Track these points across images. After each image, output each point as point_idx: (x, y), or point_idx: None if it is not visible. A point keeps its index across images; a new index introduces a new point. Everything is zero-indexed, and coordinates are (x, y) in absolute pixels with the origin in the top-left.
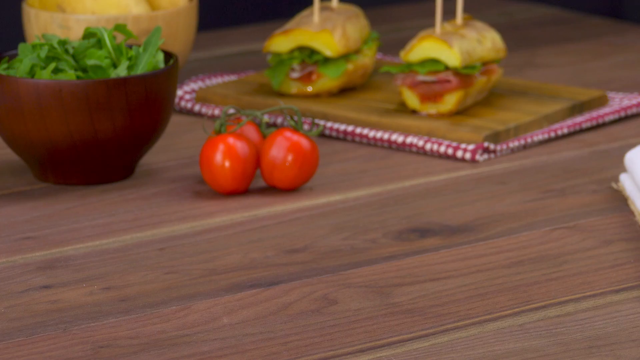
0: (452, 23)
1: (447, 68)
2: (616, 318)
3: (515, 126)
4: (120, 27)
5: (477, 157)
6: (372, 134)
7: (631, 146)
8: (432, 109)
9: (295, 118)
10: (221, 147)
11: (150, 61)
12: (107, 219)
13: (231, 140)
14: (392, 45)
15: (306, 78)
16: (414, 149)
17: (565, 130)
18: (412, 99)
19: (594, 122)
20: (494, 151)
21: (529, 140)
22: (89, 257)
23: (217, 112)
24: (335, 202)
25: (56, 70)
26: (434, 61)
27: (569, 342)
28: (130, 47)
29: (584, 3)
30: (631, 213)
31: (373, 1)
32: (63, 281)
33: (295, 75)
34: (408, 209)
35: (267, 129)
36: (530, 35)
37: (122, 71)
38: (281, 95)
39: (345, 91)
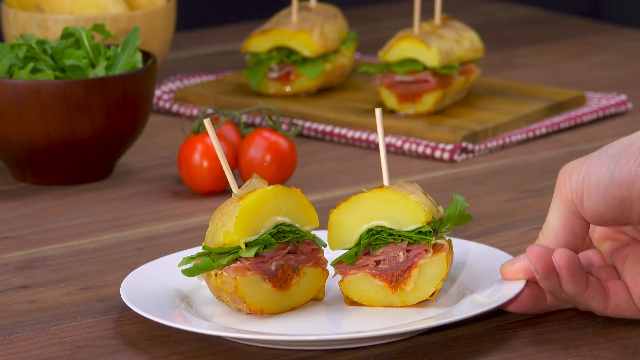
0: (430, 23)
1: (425, 68)
2: (594, 318)
3: (494, 126)
4: (98, 27)
5: (455, 157)
6: (350, 133)
7: None
8: (410, 108)
9: (274, 118)
10: (199, 147)
11: (129, 61)
12: (85, 219)
13: (209, 140)
14: (371, 45)
15: (284, 78)
16: (392, 149)
17: (544, 130)
18: (390, 99)
19: (572, 122)
20: (472, 151)
21: (507, 140)
22: (67, 257)
23: (195, 112)
24: (313, 201)
25: (34, 70)
26: (412, 61)
27: (547, 342)
28: (108, 47)
29: (562, 3)
30: None
31: (351, 1)
32: (41, 281)
33: (273, 75)
34: None
35: (245, 129)
36: (508, 36)
37: (100, 71)
38: (259, 95)
39: (323, 91)
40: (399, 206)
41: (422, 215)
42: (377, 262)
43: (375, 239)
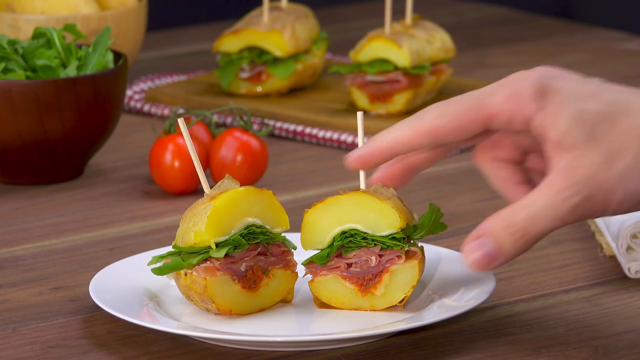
0: (401, 23)
1: (396, 68)
2: (565, 318)
3: None
4: (69, 27)
5: None
6: (321, 134)
7: None
8: (381, 109)
9: (245, 118)
10: (170, 147)
11: (100, 61)
12: (56, 219)
13: (181, 140)
14: (342, 45)
15: (255, 78)
16: None
17: None
18: (361, 99)
19: None
20: None
21: None
22: (38, 257)
23: (166, 112)
24: (284, 202)
25: (5, 70)
26: (384, 61)
27: (518, 342)
28: (79, 47)
29: (534, 3)
30: None
31: (322, 1)
32: (12, 281)
33: (244, 75)
34: None
35: (216, 129)
36: (480, 35)
37: (71, 71)
38: (230, 95)
39: (294, 91)
40: (374, 211)
41: (396, 221)
42: (349, 265)
43: (348, 242)
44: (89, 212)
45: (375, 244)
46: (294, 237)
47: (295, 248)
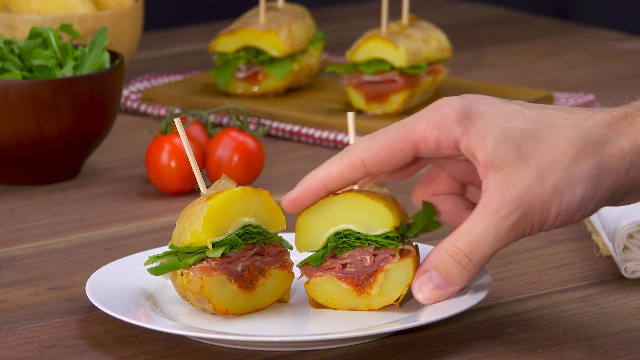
0: (397, 23)
1: (392, 68)
2: (562, 318)
3: None
4: (66, 27)
5: None
6: (318, 134)
7: None
8: (378, 109)
9: (241, 118)
10: (167, 147)
11: (96, 61)
12: (52, 219)
13: (177, 140)
14: (338, 45)
15: (252, 78)
16: None
17: None
18: (357, 99)
19: None
20: None
21: None
22: (35, 257)
23: (163, 112)
24: (281, 202)
25: (2, 71)
26: (380, 61)
27: (515, 342)
28: (76, 47)
29: (529, 3)
30: None
31: (319, 1)
32: (9, 281)
33: (241, 75)
34: None
35: (213, 129)
36: (476, 35)
37: (68, 71)
38: (227, 95)
39: (291, 91)
40: (367, 210)
41: (390, 220)
42: (344, 265)
43: (342, 242)
44: (86, 212)
45: (369, 244)
46: (290, 237)
47: (291, 248)
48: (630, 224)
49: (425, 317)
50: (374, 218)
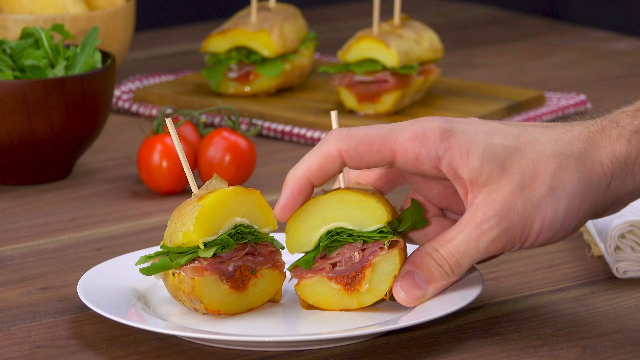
0: (389, 23)
1: (384, 68)
2: (553, 318)
3: None
4: (57, 27)
5: None
6: (309, 134)
7: None
8: (369, 109)
9: (233, 118)
10: (158, 147)
11: (88, 61)
12: (44, 219)
13: (169, 140)
14: (330, 45)
15: (244, 78)
16: None
17: None
18: (349, 99)
19: (532, 122)
20: None
21: None
22: (27, 257)
23: (154, 112)
24: (272, 202)
25: None
26: (372, 61)
27: (506, 342)
28: (67, 47)
29: (521, 3)
30: None
31: (310, 1)
32: (0, 281)
33: (232, 75)
34: None
35: (204, 129)
36: (467, 35)
37: (59, 71)
38: (219, 95)
39: (282, 91)
40: (359, 207)
41: (383, 215)
42: (333, 265)
43: (333, 241)
44: (77, 212)
45: (362, 240)
46: (282, 237)
47: (283, 248)
48: (622, 224)
49: (417, 317)
50: (367, 214)
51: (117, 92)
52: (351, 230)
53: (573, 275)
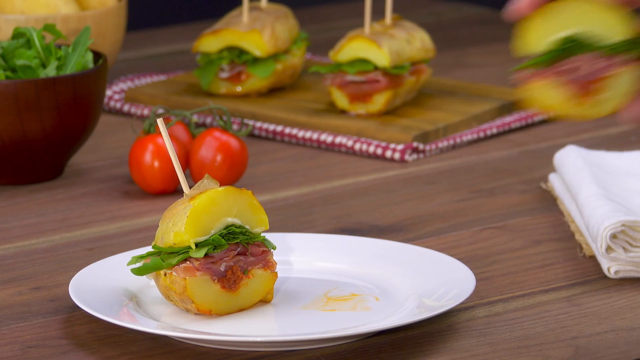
0: (381, 23)
1: (376, 68)
2: (545, 318)
3: (445, 126)
4: (49, 27)
5: (406, 157)
6: (301, 133)
7: (560, 146)
8: (361, 108)
9: (224, 118)
10: (150, 147)
11: (79, 61)
12: (36, 219)
13: (160, 140)
14: (321, 45)
15: (235, 78)
16: (343, 149)
17: (495, 130)
18: (341, 99)
19: (523, 122)
20: (423, 151)
21: (458, 140)
22: (18, 257)
23: (146, 112)
24: (264, 202)
25: None
26: (363, 61)
27: (498, 342)
28: (59, 47)
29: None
30: (560, 213)
31: (302, 1)
32: None
33: (224, 75)
34: (337, 209)
35: (196, 129)
36: (459, 35)
37: (51, 71)
38: (210, 95)
39: (274, 91)
40: (604, 17)
41: (628, 28)
42: (568, 71)
43: (569, 48)
44: (69, 212)
45: (602, 51)
46: (273, 237)
47: (274, 248)
48: (613, 224)
49: (409, 317)
50: (611, 25)
51: (108, 92)
52: (591, 40)
53: (565, 275)
